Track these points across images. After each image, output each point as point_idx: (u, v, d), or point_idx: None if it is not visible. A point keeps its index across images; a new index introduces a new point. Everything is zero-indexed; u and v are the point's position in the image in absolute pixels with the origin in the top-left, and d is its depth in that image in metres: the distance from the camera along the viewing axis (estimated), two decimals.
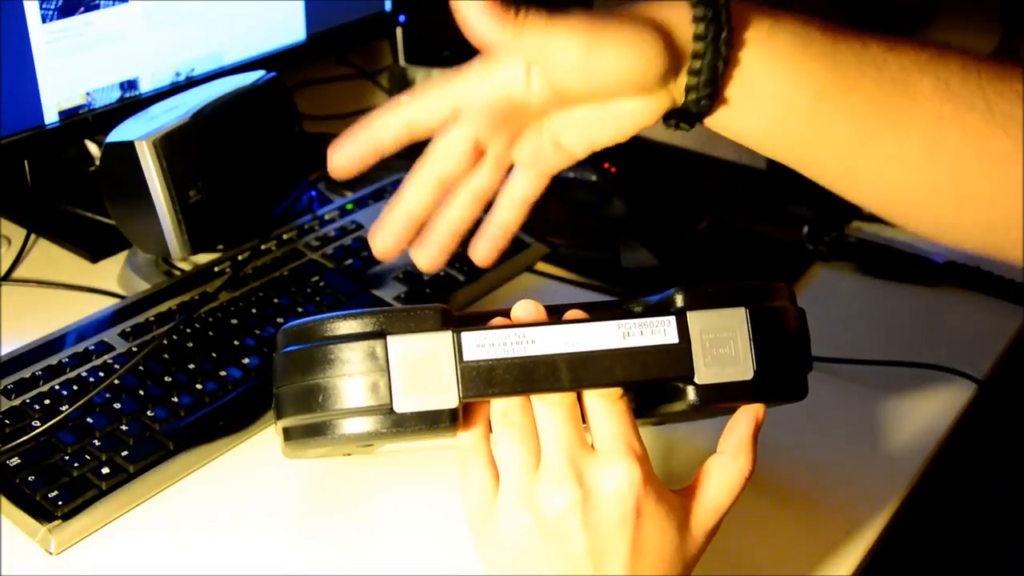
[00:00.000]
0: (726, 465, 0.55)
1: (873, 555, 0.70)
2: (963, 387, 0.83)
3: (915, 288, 0.95)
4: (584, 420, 0.54)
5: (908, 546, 0.73)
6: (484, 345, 0.54)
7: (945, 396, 0.82)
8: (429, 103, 0.59)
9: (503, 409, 0.54)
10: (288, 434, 0.58)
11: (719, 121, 0.58)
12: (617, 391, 0.54)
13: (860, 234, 1.01)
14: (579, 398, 0.54)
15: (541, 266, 0.96)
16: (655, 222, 1.02)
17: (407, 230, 0.60)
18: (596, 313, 0.56)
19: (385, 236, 0.59)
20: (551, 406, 0.53)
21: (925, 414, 0.81)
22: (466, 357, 0.53)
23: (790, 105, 0.56)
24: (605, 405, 0.54)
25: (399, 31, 1.22)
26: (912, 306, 0.94)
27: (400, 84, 1.26)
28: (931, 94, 0.56)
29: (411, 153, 1.15)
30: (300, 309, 0.83)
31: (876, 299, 0.95)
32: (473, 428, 0.55)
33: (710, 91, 0.55)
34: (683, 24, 0.54)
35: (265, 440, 0.75)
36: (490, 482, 0.54)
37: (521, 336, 0.54)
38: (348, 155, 0.61)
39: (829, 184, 0.60)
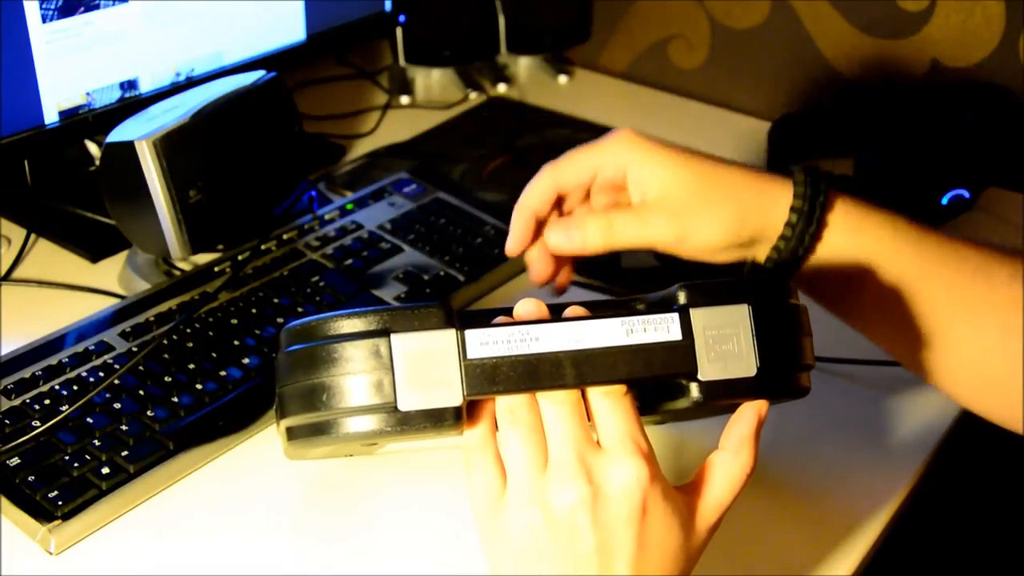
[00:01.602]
0: (728, 462, 0.55)
1: (873, 555, 0.70)
2: None
3: None
4: (589, 418, 0.54)
5: (908, 546, 0.73)
6: (488, 343, 0.54)
7: (945, 396, 0.82)
8: (572, 171, 0.68)
9: (509, 407, 0.54)
10: (291, 434, 0.58)
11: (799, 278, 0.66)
12: (621, 388, 0.54)
13: None
14: (583, 396, 0.54)
15: None
16: None
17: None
18: (599, 311, 0.56)
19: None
20: (557, 404, 0.53)
21: (925, 414, 0.81)
22: (470, 355, 0.53)
23: (871, 283, 0.63)
24: (609, 402, 0.54)
25: (399, 31, 1.22)
26: None
27: (400, 84, 1.26)
28: (1008, 281, 0.61)
29: (409, 154, 1.15)
30: (300, 309, 0.83)
31: None
32: (479, 426, 0.55)
33: (788, 268, 0.64)
34: (781, 200, 0.64)
35: (265, 440, 0.75)
36: (497, 480, 0.54)
37: (525, 334, 0.54)
38: (517, 235, 0.69)
39: (905, 359, 0.66)
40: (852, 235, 0.64)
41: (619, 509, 0.52)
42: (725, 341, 0.55)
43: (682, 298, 0.56)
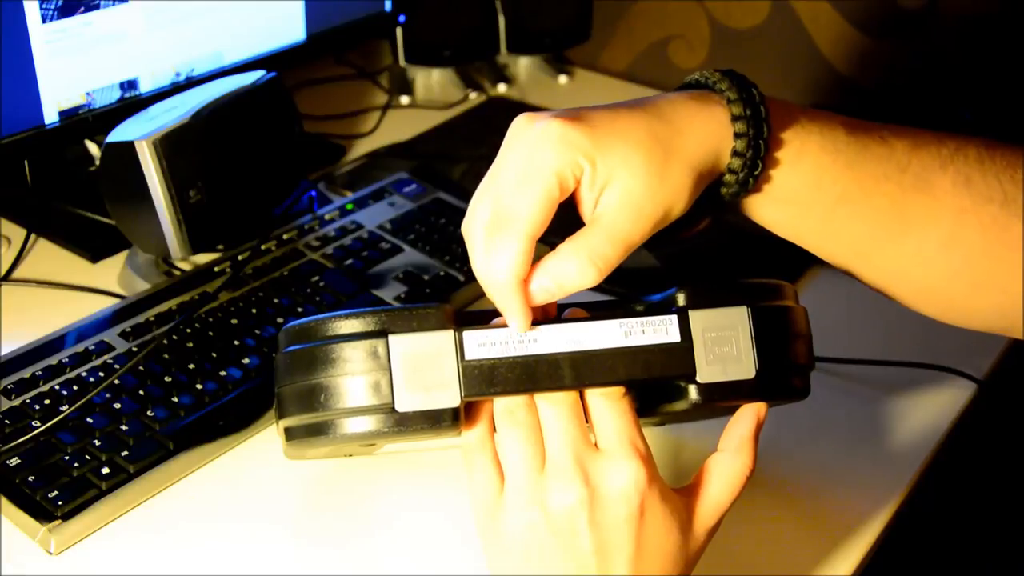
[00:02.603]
0: (727, 463, 0.56)
1: (873, 555, 0.70)
2: (963, 387, 0.83)
3: None
4: (587, 419, 0.54)
5: (908, 546, 0.73)
6: (486, 344, 0.54)
7: (945, 396, 0.82)
8: (541, 218, 0.56)
9: (507, 408, 0.54)
10: (290, 434, 0.58)
11: (741, 206, 0.61)
12: (619, 390, 0.54)
13: None
14: (581, 397, 0.54)
15: None
16: None
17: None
18: (597, 312, 0.56)
19: None
20: (555, 405, 0.53)
21: (925, 414, 0.81)
22: (468, 356, 0.53)
23: (808, 207, 0.59)
24: (608, 404, 0.54)
25: (399, 31, 1.22)
26: None
27: (400, 84, 1.26)
28: (951, 189, 0.58)
29: (409, 154, 1.15)
30: (300, 309, 0.83)
31: (876, 299, 0.94)
32: (478, 427, 0.55)
33: (742, 191, 0.58)
34: (724, 141, 0.56)
35: (265, 440, 0.75)
36: (496, 480, 0.54)
37: (523, 335, 0.54)
38: (524, 312, 0.55)
39: (843, 269, 0.62)
40: (792, 164, 0.58)
41: (617, 510, 0.52)
42: (724, 343, 0.55)
43: (681, 300, 0.56)
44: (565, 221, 0.60)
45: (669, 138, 0.56)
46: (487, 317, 0.56)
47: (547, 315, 0.56)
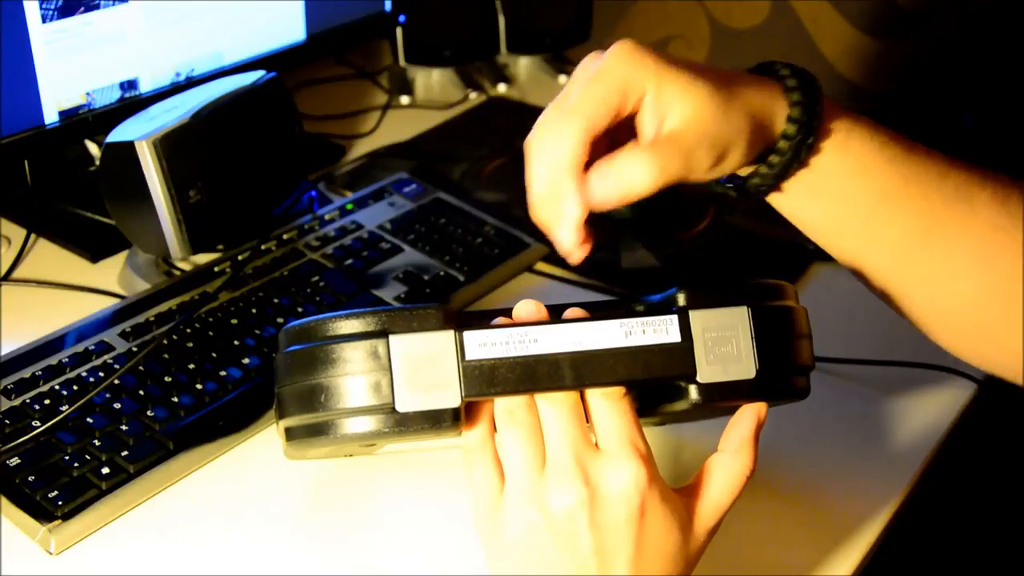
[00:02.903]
0: (727, 463, 0.55)
1: (873, 555, 0.70)
2: (963, 387, 0.83)
3: None
4: (587, 419, 0.54)
5: (908, 546, 0.73)
6: (486, 344, 0.54)
7: (945, 396, 0.82)
8: (602, 115, 0.56)
9: (508, 408, 0.54)
10: (290, 434, 0.58)
11: (778, 202, 0.61)
12: (619, 390, 0.54)
13: None
14: (582, 397, 0.54)
15: (541, 266, 0.96)
16: (655, 222, 1.02)
17: None
18: (598, 312, 0.56)
19: None
20: (555, 405, 0.53)
21: (925, 414, 0.81)
22: (468, 356, 0.53)
23: (852, 202, 0.59)
24: (608, 404, 0.54)
25: (399, 31, 1.22)
26: None
27: (400, 84, 1.26)
28: (990, 204, 0.59)
29: (409, 154, 1.15)
30: (300, 309, 0.83)
31: (876, 299, 0.94)
32: (478, 427, 0.55)
33: (777, 181, 0.59)
34: (779, 109, 0.58)
35: (265, 440, 0.75)
36: (496, 480, 0.54)
37: (523, 335, 0.54)
38: (578, 232, 0.57)
39: (876, 285, 0.63)
40: (837, 153, 0.59)
41: (617, 511, 0.52)
42: (724, 343, 0.55)
43: (681, 300, 0.56)
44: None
45: (732, 82, 0.57)
46: (488, 317, 0.56)
47: (543, 318, 0.55)
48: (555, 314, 0.56)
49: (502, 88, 1.28)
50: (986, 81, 1.06)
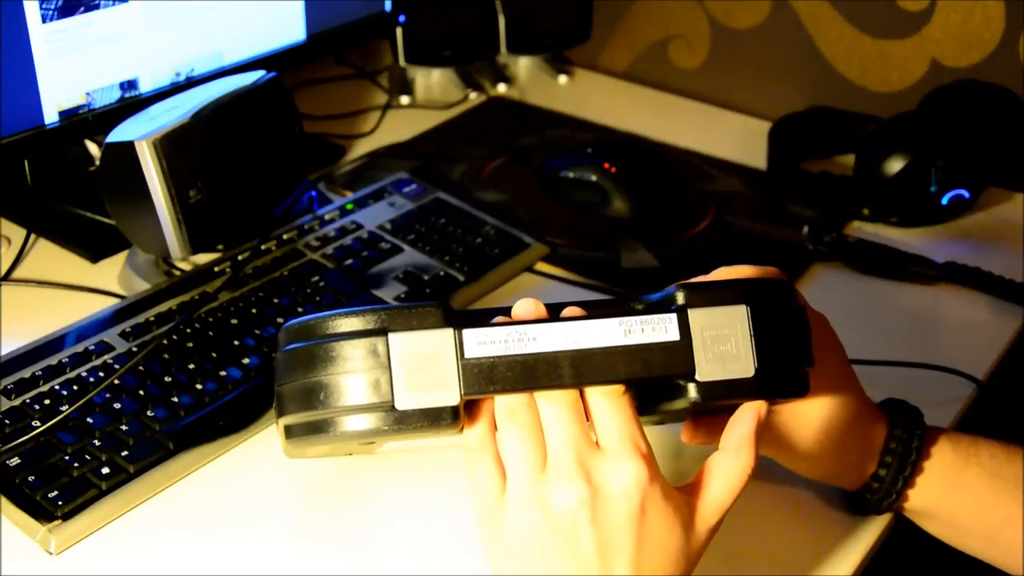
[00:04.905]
0: (728, 462, 0.55)
1: (873, 555, 0.70)
2: (963, 387, 0.83)
3: (915, 288, 0.95)
4: (588, 418, 0.54)
5: (908, 546, 0.73)
6: (485, 342, 0.54)
7: (945, 396, 0.82)
8: None
9: (508, 408, 0.54)
10: (290, 432, 0.58)
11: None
12: (619, 388, 0.54)
13: (860, 234, 1.01)
14: (582, 396, 0.54)
15: (541, 266, 0.96)
16: (655, 222, 1.02)
17: None
18: (597, 310, 0.56)
19: None
20: (555, 404, 0.53)
21: (925, 414, 0.81)
22: (467, 354, 0.53)
23: (967, 529, 0.68)
24: (608, 403, 0.54)
25: (399, 31, 1.22)
26: (912, 306, 0.94)
27: (400, 84, 1.26)
28: None
29: (409, 154, 1.15)
30: (300, 309, 0.83)
31: (876, 299, 0.95)
32: (479, 426, 0.55)
33: (891, 500, 0.68)
34: (879, 437, 0.67)
35: (265, 440, 0.75)
36: (498, 479, 0.54)
37: (522, 333, 0.54)
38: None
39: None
40: (950, 487, 0.67)
41: (619, 509, 0.52)
42: (723, 342, 0.55)
43: (680, 298, 0.56)
44: (570, 224, 0.60)
45: (850, 421, 0.66)
46: (487, 316, 0.56)
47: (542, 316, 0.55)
48: (554, 313, 0.56)
49: (502, 88, 1.28)
50: (986, 79, 1.06)
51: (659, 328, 0.55)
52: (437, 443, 0.69)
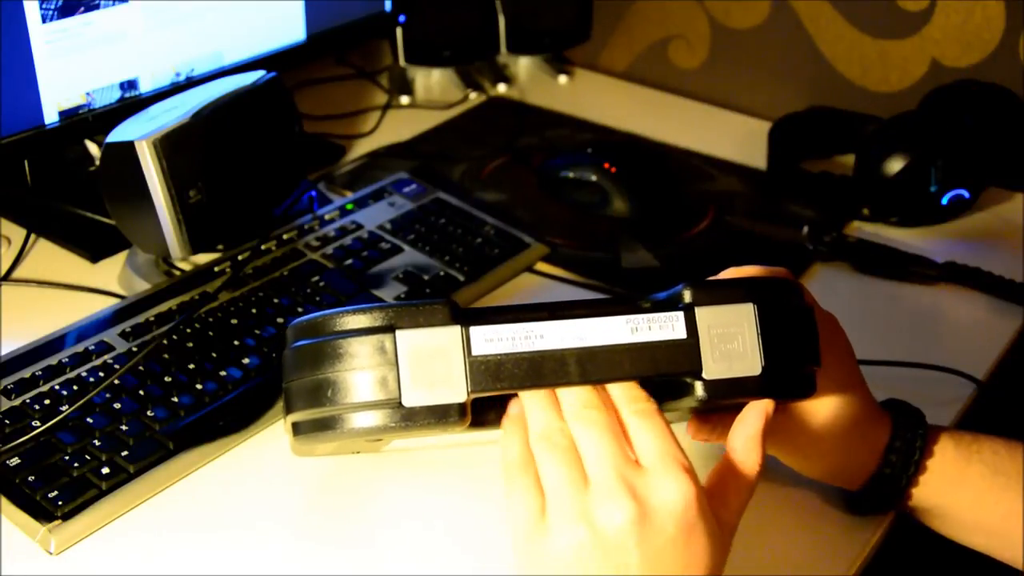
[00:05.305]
0: (738, 464, 0.56)
1: (873, 555, 0.70)
2: (963, 387, 0.83)
3: (915, 288, 0.95)
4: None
5: (908, 546, 0.73)
6: (493, 340, 0.54)
7: (945, 396, 0.82)
8: None
9: (542, 432, 0.53)
10: (297, 429, 0.58)
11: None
12: (653, 406, 0.54)
13: (860, 234, 1.01)
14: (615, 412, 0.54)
15: (541, 266, 0.96)
16: (655, 222, 1.02)
17: None
18: (604, 308, 0.56)
19: None
20: (589, 426, 0.53)
21: (925, 414, 0.81)
22: (474, 352, 0.53)
23: (972, 527, 0.69)
24: (645, 423, 0.53)
25: (399, 31, 1.22)
26: (912, 306, 0.94)
27: (400, 84, 1.26)
28: None
29: (409, 154, 1.15)
30: (300, 309, 0.83)
31: (876, 299, 0.95)
32: (516, 449, 0.54)
33: (894, 499, 0.68)
34: (883, 437, 0.67)
35: (265, 440, 0.75)
36: (538, 500, 0.53)
37: (529, 331, 0.54)
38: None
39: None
40: (952, 484, 0.67)
41: (667, 527, 0.51)
42: (730, 340, 0.55)
43: (687, 297, 0.56)
44: (570, 224, 0.60)
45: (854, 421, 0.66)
46: (494, 312, 0.56)
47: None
48: (559, 308, 0.56)
49: (502, 88, 1.28)
50: (986, 79, 1.06)
51: (666, 326, 0.55)
52: (439, 442, 0.69)
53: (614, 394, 0.55)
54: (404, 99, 1.24)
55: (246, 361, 0.78)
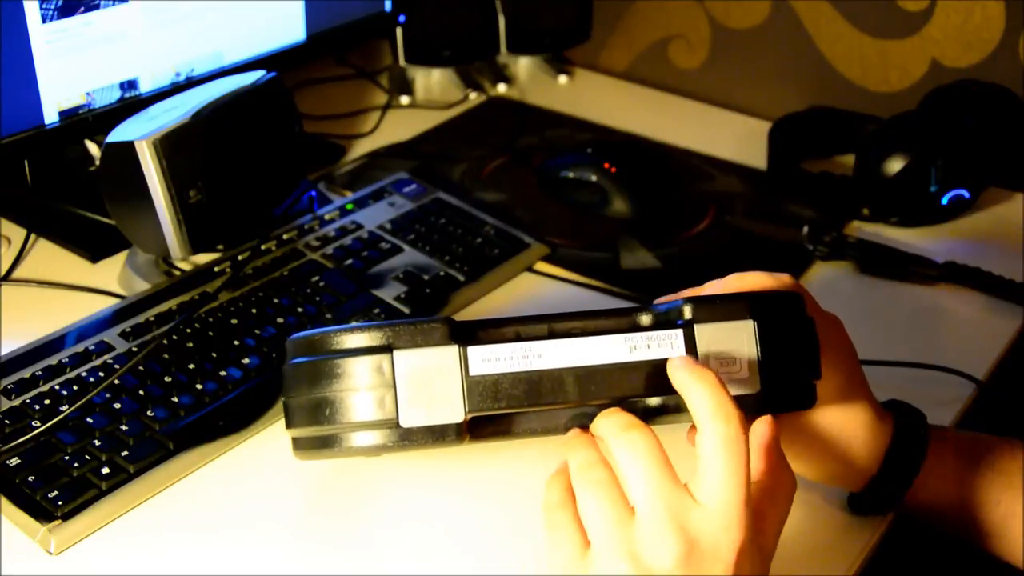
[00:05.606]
0: (773, 492, 0.54)
1: (873, 555, 0.70)
2: (963, 387, 0.83)
3: (915, 288, 0.95)
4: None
5: (908, 546, 0.73)
6: (490, 359, 0.53)
7: (945, 396, 0.82)
8: None
9: (580, 466, 0.52)
10: (297, 444, 0.59)
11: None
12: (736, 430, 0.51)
13: (860, 234, 1.01)
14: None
15: (541, 266, 0.96)
16: (655, 222, 1.02)
17: None
18: (603, 322, 0.56)
19: None
20: (634, 451, 0.50)
21: (925, 414, 0.81)
22: (472, 371, 0.53)
23: (972, 523, 0.68)
24: (720, 451, 0.50)
25: (399, 31, 1.22)
26: (912, 306, 0.94)
27: (400, 84, 1.26)
28: None
29: (409, 154, 1.15)
30: (300, 309, 0.83)
31: (876, 299, 0.95)
32: (556, 487, 0.53)
33: (896, 500, 0.68)
34: (884, 439, 0.66)
35: (265, 440, 0.75)
36: (579, 538, 0.52)
37: (527, 350, 0.54)
38: None
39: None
40: (953, 484, 0.67)
41: (715, 569, 0.49)
42: (730, 361, 0.55)
43: (687, 313, 0.56)
44: (570, 224, 0.60)
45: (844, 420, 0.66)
46: (493, 326, 0.55)
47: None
48: (558, 319, 0.56)
49: (502, 88, 1.28)
50: (986, 82, 1.06)
51: (664, 344, 0.55)
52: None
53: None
54: (404, 99, 1.24)
55: (246, 361, 0.78)
